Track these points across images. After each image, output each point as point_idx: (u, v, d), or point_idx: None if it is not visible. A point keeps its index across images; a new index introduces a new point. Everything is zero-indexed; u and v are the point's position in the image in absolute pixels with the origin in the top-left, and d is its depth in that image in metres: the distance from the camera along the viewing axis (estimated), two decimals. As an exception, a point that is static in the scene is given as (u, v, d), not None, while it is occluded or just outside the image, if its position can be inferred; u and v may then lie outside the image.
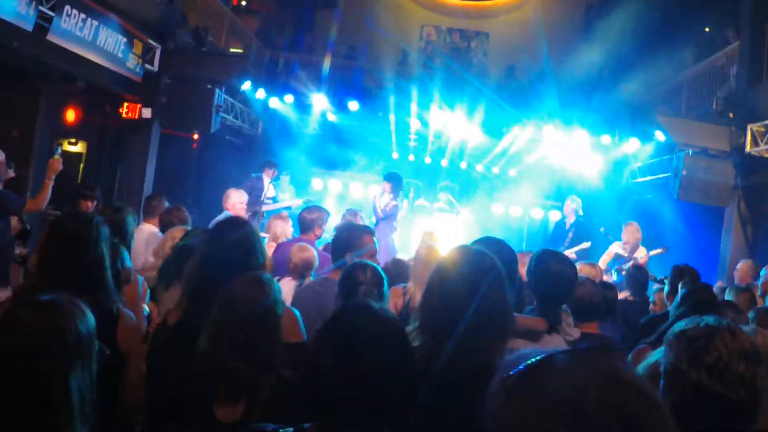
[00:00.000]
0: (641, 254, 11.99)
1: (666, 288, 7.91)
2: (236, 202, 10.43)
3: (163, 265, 5.98)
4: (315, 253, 7.20)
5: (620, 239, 12.26)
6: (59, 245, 4.00)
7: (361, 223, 9.24)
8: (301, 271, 7.00)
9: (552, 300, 4.48)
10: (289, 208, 13.72)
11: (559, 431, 1.26)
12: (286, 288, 6.43)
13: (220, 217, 8.64)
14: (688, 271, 7.71)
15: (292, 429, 2.43)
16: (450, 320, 3.13)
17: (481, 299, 3.13)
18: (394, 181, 13.48)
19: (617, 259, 11.96)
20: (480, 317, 3.10)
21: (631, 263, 10.94)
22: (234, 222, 4.58)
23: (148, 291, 6.16)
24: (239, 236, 4.26)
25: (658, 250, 12.03)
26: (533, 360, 1.37)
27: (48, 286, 2.85)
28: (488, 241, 4.30)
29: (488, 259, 3.34)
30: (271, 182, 14.31)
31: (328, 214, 8.89)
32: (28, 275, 7.41)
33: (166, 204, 9.28)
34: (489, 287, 3.18)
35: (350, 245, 5.94)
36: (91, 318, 2.77)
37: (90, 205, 9.95)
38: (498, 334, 3.19)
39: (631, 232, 12.13)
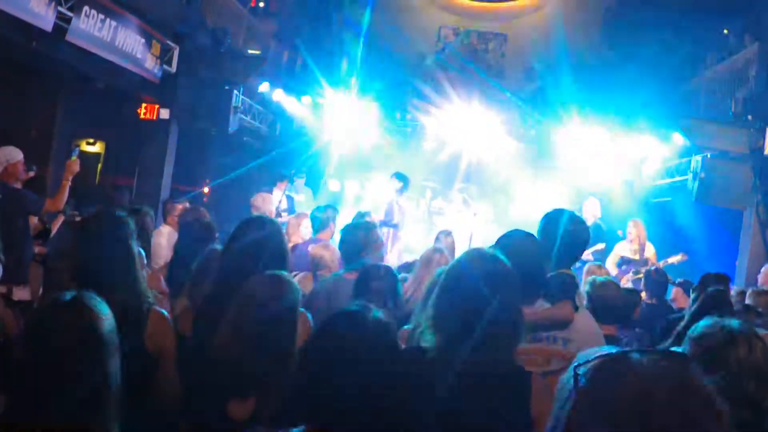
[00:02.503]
0: (650, 252, 11.91)
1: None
2: (260, 206, 10.41)
3: (171, 266, 6.00)
4: (331, 250, 7.17)
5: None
6: (89, 247, 4.02)
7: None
8: (314, 267, 6.99)
9: (566, 259, 4.44)
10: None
11: (622, 427, 1.25)
12: (302, 285, 6.43)
13: None
14: (716, 278, 7.57)
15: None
16: (463, 323, 3.13)
17: (494, 304, 3.13)
18: (404, 180, 13.50)
19: (626, 261, 11.86)
20: (493, 321, 3.10)
21: (652, 267, 10.83)
22: (257, 222, 4.59)
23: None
24: (261, 236, 4.27)
25: (677, 257, 11.88)
26: (608, 353, 1.37)
27: (79, 287, 2.86)
28: (518, 235, 4.29)
29: (502, 265, 3.33)
30: (283, 194, 14.22)
31: (338, 211, 8.93)
32: (48, 275, 7.42)
33: (186, 205, 9.31)
34: (502, 292, 3.18)
35: (362, 245, 5.92)
36: (109, 314, 2.78)
37: None
38: (510, 338, 3.20)
39: (638, 229, 12.05)
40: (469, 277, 3.25)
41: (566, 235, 4.44)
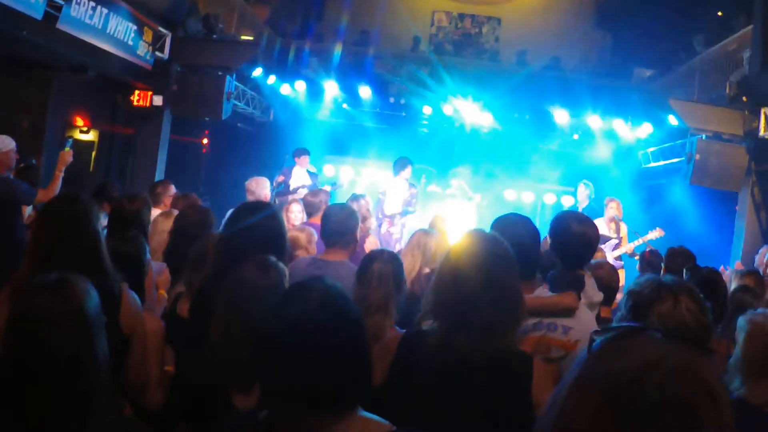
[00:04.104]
0: (623, 231, 11.87)
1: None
2: (254, 190, 10.35)
3: (168, 251, 5.94)
4: (307, 232, 7.11)
5: (633, 225, 12.15)
6: (52, 229, 3.98)
7: (365, 209, 9.12)
8: (290, 249, 6.95)
9: (575, 260, 4.42)
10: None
11: (618, 399, 1.24)
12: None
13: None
14: (681, 253, 7.60)
15: (247, 416, 2.41)
16: (462, 306, 3.12)
17: (494, 285, 3.11)
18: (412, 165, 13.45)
19: (604, 239, 11.75)
20: (492, 303, 3.08)
21: (647, 248, 10.78)
22: (254, 206, 4.57)
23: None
24: (258, 221, 4.26)
25: (655, 233, 11.69)
26: (628, 325, 1.35)
27: (44, 271, 2.82)
28: (513, 218, 4.28)
29: (501, 245, 3.32)
30: (308, 171, 14.07)
31: (331, 195, 8.88)
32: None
33: (174, 190, 9.24)
34: (501, 273, 3.16)
35: (342, 225, 5.85)
36: (94, 292, 2.75)
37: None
38: (510, 320, 3.18)
39: (618, 207, 11.99)
40: (469, 259, 3.24)
41: (575, 237, 4.41)
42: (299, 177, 13.83)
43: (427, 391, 3.06)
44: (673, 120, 15.16)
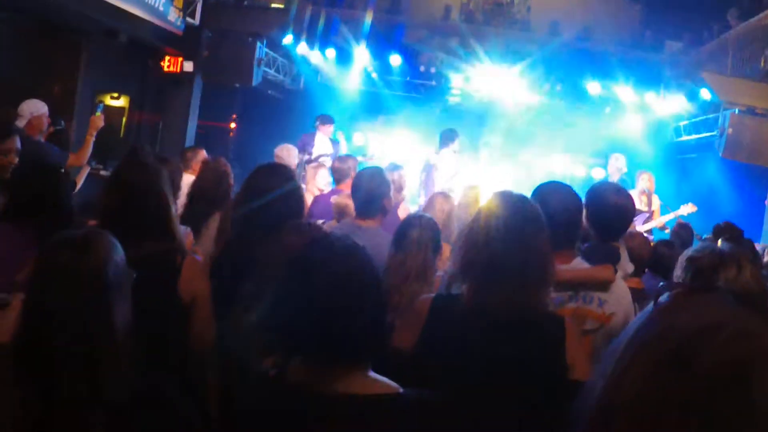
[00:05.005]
0: (656, 204, 11.76)
1: None
2: (284, 157, 10.28)
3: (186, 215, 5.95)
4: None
5: (664, 198, 12.03)
6: (121, 194, 3.90)
7: (402, 180, 9.01)
8: (338, 217, 6.94)
9: (611, 232, 4.38)
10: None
11: (677, 356, 1.21)
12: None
13: None
14: (728, 229, 7.57)
15: (276, 371, 2.40)
16: (492, 265, 3.09)
17: (523, 246, 3.09)
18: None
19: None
20: (523, 262, 3.06)
21: (678, 221, 10.67)
22: (272, 169, 4.54)
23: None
24: (276, 184, 4.23)
25: (687, 208, 11.53)
26: (698, 284, 1.33)
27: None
28: (556, 186, 4.21)
29: (529, 205, 3.29)
30: (330, 138, 13.90)
31: (358, 161, 8.83)
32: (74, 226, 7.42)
33: (205, 156, 9.25)
34: (530, 234, 3.14)
35: (376, 191, 5.75)
36: (120, 252, 2.69)
37: None
38: (540, 279, 3.14)
39: (650, 181, 11.86)
40: (498, 218, 3.21)
41: (612, 208, 4.36)
42: (322, 145, 13.69)
43: (458, 354, 3.04)
44: (705, 93, 15.00)
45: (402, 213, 7.79)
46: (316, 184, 9.21)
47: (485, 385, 2.89)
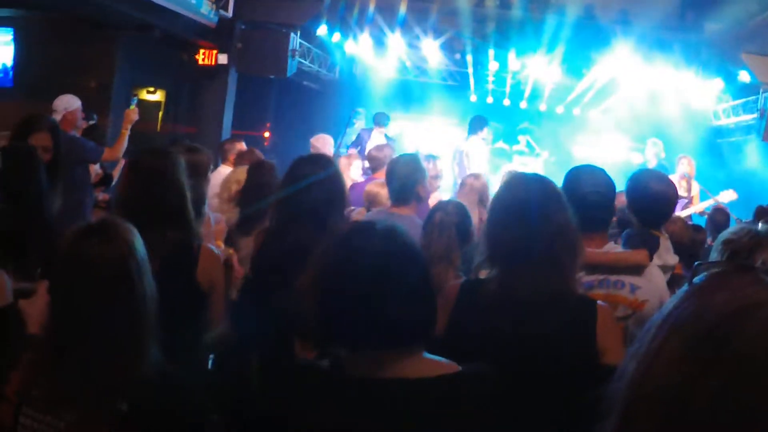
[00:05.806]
0: (695, 190, 11.59)
1: None
2: (320, 147, 10.22)
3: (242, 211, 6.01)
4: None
5: (703, 183, 11.86)
6: (139, 183, 3.96)
7: (438, 170, 8.94)
8: (368, 205, 6.92)
9: (651, 220, 4.31)
10: None
11: (711, 336, 1.17)
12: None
13: None
14: (768, 211, 7.47)
15: (327, 361, 2.36)
16: (520, 245, 3.05)
17: (550, 221, 3.05)
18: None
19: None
20: (550, 240, 3.02)
21: (717, 206, 10.51)
22: (315, 160, 4.54)
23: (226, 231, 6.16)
24: (320, 175, 4.23)
25: (728, 194, 11.36)
26: (735, 263, 1.29)
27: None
28: (589, 168, 4.17)
29: (549, 183, 3.25)
30: (386, 136, 13.78)
31: (395, 150, 8.81)
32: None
33: (243, 147, 9.28)
34: (555, 210, 3.10)
35: (411, 178, 5.72)
36: (140, 242, 2.70)
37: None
38: (569, 257, 3.10)
39: (690, 165, 11.69)
40: (511, 201, 3.18)
41: (653, 196, 4.29)
42: (377, 142, 13.57)
43: (488, 337, 3.00)
44: (745, 75, 14.79)
45: (433, 201, 7.78)
46: (350, 175, 9.19)
47: (514, 369, 2.85)
